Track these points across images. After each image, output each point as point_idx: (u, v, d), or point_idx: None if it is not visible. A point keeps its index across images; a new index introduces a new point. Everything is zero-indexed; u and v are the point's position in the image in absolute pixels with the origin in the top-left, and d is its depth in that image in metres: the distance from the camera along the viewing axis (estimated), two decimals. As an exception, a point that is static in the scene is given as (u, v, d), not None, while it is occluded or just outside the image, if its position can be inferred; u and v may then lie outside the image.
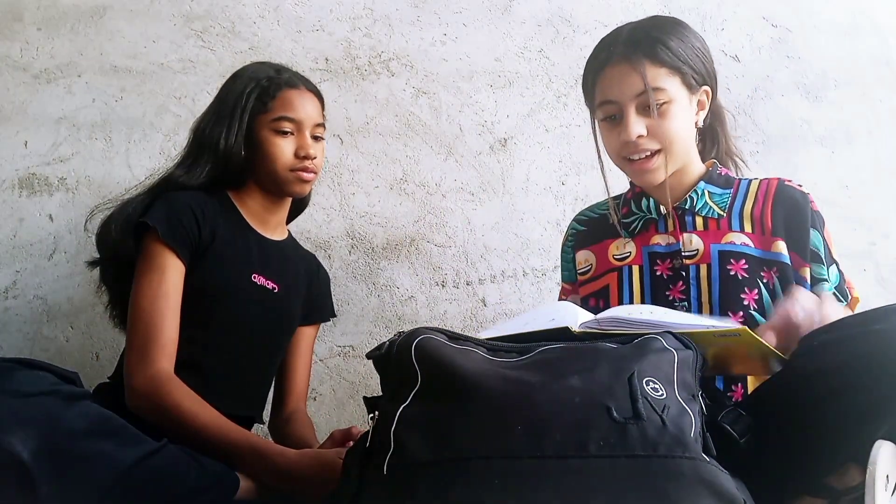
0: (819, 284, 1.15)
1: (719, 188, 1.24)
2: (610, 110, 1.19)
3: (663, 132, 1.16)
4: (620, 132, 1.17)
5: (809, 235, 1.17)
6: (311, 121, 1.36)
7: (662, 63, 1.15)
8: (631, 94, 1.15)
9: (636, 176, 1.23)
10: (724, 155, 1.31)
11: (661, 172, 1.18)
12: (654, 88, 1.14)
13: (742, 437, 0.84)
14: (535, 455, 0.72)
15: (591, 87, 1.23)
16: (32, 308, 1.71)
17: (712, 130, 1.30)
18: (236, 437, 1.14)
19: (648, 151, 1.17)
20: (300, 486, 1.10)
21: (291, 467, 1.11)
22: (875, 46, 1.86)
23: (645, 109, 1.16)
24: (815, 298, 1.04)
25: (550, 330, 0.93)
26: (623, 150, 1.19)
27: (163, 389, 1.15)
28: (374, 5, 1.84)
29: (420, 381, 0.81)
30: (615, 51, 1.17)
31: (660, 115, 1.15)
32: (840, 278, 1.18)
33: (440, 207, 1.78)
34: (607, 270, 1.28)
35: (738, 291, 1.15)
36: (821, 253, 1.16)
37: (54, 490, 0.84)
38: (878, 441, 0.81)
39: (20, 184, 1.75)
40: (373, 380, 1.71)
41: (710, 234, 1.20)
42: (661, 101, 1.15)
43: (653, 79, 1.14)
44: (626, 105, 1.16)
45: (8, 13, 1.80)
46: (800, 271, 1.16)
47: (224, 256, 1.30)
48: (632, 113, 1.16)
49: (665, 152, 1.17)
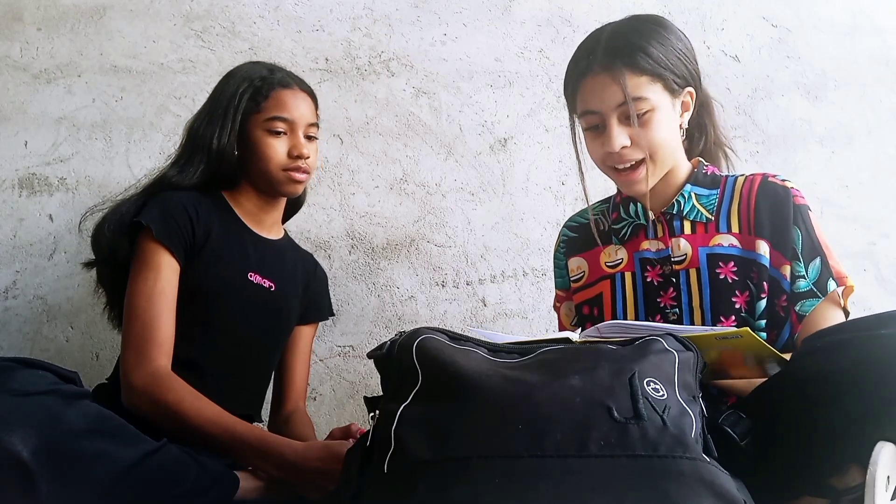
0: (796, 282, 1.13)
1: (706, 189, 1.22)
2: (592, 120, 1.16)
3: (647, 141, 1.13)
4: (604, 142, 1.15)
5: (791, 233, 1.14)
6: (304, 120, 1.36)
7: (643, 71, 1.12)
8: (612, 105, 1.13)
9: (623, 186, 1.21)
10: (713, 146, 1.29)
11: (647, 181, 1.16)
12: (635, 98, 1.11)
13: (743, 438, 0.84)
14: (535, 455, 0.72)
15: (572, 96, 1.20)
16: (32, 308, 1.71)
17: (700, 123, 1.27)
18: (242, 431, 1.13)
19: (633, 161, 1.15)
20: (309, 477, 1.09)
21: (299, 459, 1.10)
22: (875, 46, 1.86)
23: (627, 119, 1.13)
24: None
25: (551, 339, 0.93)
26: (608, 160, 1.17)
27: (163, 386, 1.15)
28: (374, 5, 1.84)
29: (421, 381, 0.81)
30: (595, 60, 1.14)
31: (643, 125, 1.13)
32: (820, 272, 1.14)
33: (440, 207, 1.78)
34: (600, 278, 1.27)
35: (728, 295, 1.14)
36: (799, 250, 1.14)
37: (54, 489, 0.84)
38: (880, 442, 0.81)
39: (20, 184, 1.75)
40: (373, 380, 1.71)
41: (699, 237, 1.19)
42: (643, 111, 1.12)
43: (633, 88, 1.11)
44: (607, 115, 1.13)
45: (8, 13, 1.80)
46: (780, 269, 1.14)
47: (220, 255, 1.30)
48: (614, 124, 1.13)
49: (650, 161, 1.15)
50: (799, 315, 1.13)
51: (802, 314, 1.12)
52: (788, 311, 1.13)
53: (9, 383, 0.89)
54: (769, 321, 1.14)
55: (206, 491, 1.01)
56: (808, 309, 1.12)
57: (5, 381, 0.90)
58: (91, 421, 0.91)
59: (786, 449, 0.87)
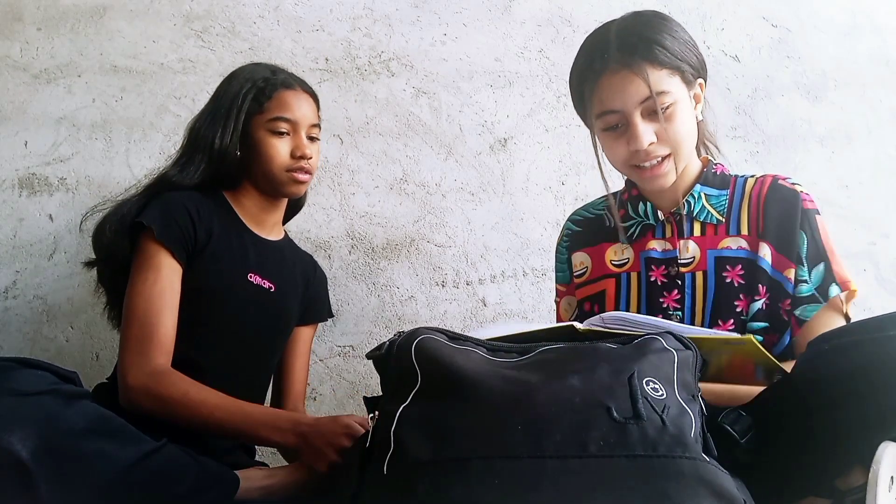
0: (799, 286, 1.13)
1: (716, 189, 1.21)
2: (612, 120, 1.13)
3: (673, 135, 1.12)
4: (628, 141, 1.12)
5: (796, 237, 1.14)
6: (306, 121, 1.36)
7: (662, 65, 1.10)
8: (635, 102, 1.10)
9: (647, 182, 1.17)
10: (698, 142, 1.26)
11: (671, 175, 1.15)
12: (658, 92, 1.09)
13: (742, 437, 0.83)
14: (534, 455, 0.72)
15: (588, 98, 1.16)
16: (32, 308, 1.71)
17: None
18: (251, 409, 1.15)
19: (659, 157, 1.13)
20: (324, 441, 1.08)
21: (312, 424, 1.11)
22: (875, 46, 1.86)
23: (651, 115, 1.11)
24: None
25: (553, 328, 0.92)
26: (632, 159, 1.14)
27: (164, 382, 1.15)
28: (374, 5, 1.84)
29: (420, 381, 0.81)
30: (610, 58, 1.12)
31: (667, 119, 1.11)
32: (823, 277, 1.13)
33: (440, 207, 1.78)
34: (604, 275, 1.26)
35: (732, 299, 1.14)
36: (803, 254, 1.13)
37: (54, 489, 0.84)
38: (884, 442, 0.80)
39: (20, 184, 1.75)
40: (373, 380, 1.71)
41: (708, 239, 1.18)
42: (666, 104, 1.10)
43: (656, 82, 1.09)
44: (630, 113, 1.11)
45: (8, 13, 1.80)
46: (784, 273, 1.14)
47: (220, 256, 1.30)
48: (638, 121, 1.11)
49: (675, 155, 1.14)
50: (799, 320, 1.13)
51: (803, 319, 1.12)
52: (790, 316, 1.13)
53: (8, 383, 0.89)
54: (771, 325, 1.14)
55: (206, 490, 1.01)
56: (808, 314, 1.12)
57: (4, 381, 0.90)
58: (90, 421, 0.91)
59: (790, 450, 0.87)
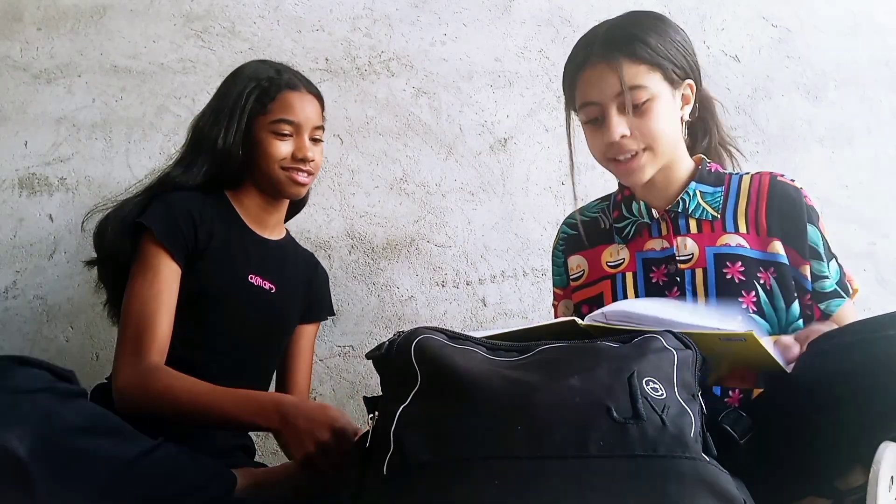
0: (819, 282, 1.14)
1: (710, 186, 1.21)
2: (592, 112, 1.16)
3: (647, 130, 1.13)
4: (604, 133, 1.15)
5: (807, 232, 1.15)
6: (310, 124, 1.35)
7: (641, 60, 1.12)
8: (611, 95, 1.13)
9: (623, 177, 1.20)
10: (717, 146, 1.28)
11: (647, 171, 1.16)
12: (633, 87, 1.11)
13: (742, 437, 0.83)
14: (534, 455, 0.72)
15: (571, 90, 1.20)
16: (32, 308, 1.71)
17: (703, 122, 1.27)
18: (235, 393, 1.12)
19: (633, 151, 1.14)
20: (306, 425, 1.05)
21: (295, 404, 1.09)
22: (875, 46, 1.86)
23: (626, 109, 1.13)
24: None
25: (554, 324, 0.92)
26: (608, 152, 1.17)
27: (152, 377, 1.15)
28: (374, 5, 1.84)
29: (420, 381, 0.81)
30: (592, 51, 1.15)
31: (642, 114, 1.13)
32: (840, 273, 1.16)
33: (440, 207, 1.78)
34: (601, 278, 1.26)
35: (734, 295, 1.14)
36: (820, 249, 1.14)
37: (51, 487, 0.84)
38: (884, 442, 0.80)
39: (20, 184, 1.75)
40: (373, 380, 1.71)
41: (705, 236, 1.18)
42: (642, 100, 1.12)
43: (631, 77, 1.11)
44: (607, 106, 1.13)
45: (8, 13, 1.80)
46: (800, 269, 1.14)
47: (221, 258, 1.30)
48: (613, 113, 1.13)
49: (650, 150, 1.14)
50: (824, 314, 1.13)
51: (829, 314, 1.13)
52: (813, 310, 1.14)
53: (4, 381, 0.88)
54: (804, 321, 1.14)
55: (203, 488, 1.00)
56: (834, 309, 1.13)
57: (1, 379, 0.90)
58: (87, 419, 0.90)
59: (791, 450, 0.87)
